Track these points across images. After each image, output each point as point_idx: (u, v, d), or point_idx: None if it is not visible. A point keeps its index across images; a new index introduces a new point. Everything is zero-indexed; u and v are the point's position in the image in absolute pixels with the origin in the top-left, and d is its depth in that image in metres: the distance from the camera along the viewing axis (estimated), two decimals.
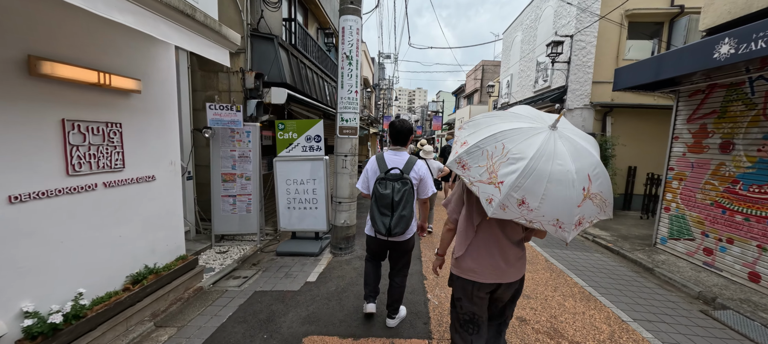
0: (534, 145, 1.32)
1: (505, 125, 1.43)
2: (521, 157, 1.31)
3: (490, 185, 1.34)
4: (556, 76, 8.13)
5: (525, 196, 1.29)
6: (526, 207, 1.30)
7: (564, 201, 1.29)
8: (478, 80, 20.66)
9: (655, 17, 7.63)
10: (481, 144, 1.40)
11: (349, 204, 4.35)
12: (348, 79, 4.13)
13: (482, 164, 1.37)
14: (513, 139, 1.36)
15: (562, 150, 1.33)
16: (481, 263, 1.65)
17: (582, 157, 1.35)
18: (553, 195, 1.28)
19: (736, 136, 3.84)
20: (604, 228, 6.26)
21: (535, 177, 1.28)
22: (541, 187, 1.28)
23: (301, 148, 4.60)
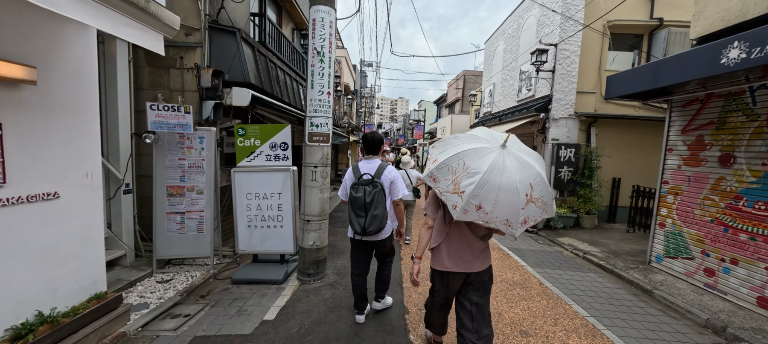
0: (487, 161, 1.68)
1: (466, 145, 1.78)
2: (477, 171, 1.67)
3: (455, 194, 1.71)
4: (540, 85, 7.96)
5: (481, 202, 1.65)
6: (482, 211, 1.67)
7: (511, 205, 1.64)
8: (460, 90, 20.66)
9: (636, 29, 7.63)
10: (447, 161, 1.77)
11: (320, 223, 3.75)
12: (319, 79, 3.57)
13: (448, 178, 1.75)
14: (471, 156, 1.72)
15: (509, 165, 1.69)
16: (452, 257, 2.03)
17: (525, 170, 1.70)
18: (502, 200, 1.64)
19: (737, 148, 3.60)
20: (593, 244, 5.98)
21: (488, 188, 1.64)
22: (493, 195, 1.64)
23: (265, 156, 3.97)
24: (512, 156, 1.74)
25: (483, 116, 12.37)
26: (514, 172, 1.67)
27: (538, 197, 1.71)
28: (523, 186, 1.67)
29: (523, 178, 1.67)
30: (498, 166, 1.67)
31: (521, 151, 1.82)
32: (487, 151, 1.74)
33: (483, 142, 1.82)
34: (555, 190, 7.38)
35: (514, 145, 1.85)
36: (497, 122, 9.97)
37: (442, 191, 1.78)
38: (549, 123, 7.38)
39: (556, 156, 7.26)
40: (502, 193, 1.64)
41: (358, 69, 26.06)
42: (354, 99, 22.88)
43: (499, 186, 1.64)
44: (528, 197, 1.68)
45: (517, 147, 1.86)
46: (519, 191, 1.65)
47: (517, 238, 2.27)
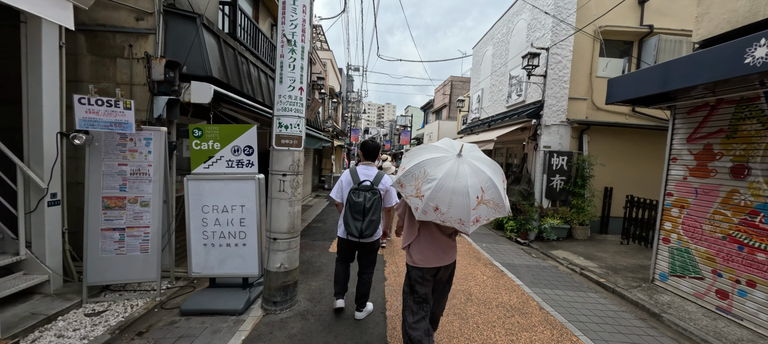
0: (444, 168, 1.96)
1: (428, 155, 2.07)
2: (434, 178, 1.93)
3: (417, 198, 1.96)
4: (530, 90, 7.69)
5: (438, 204, 1.90)
6: (439, 212, 1.92)
7: (463, 206, 1.89)
8: (447, 95, 20.49)
9: (626, 36, 7.49)
10: (411, 169, 2.04)
11: (289, 241, 3.17)
12: (289, 71, 3.03)
13: (412, 183, 2.01)
14: (431, 165, 2.00)
15: (463, 171, 1.95)
16: (425, 254, 2.27)
17: (477, 175, 1.96)
18: (456, 202, 1.89)
19: (752, 159, 3.29)
20: (589, 257, 5.64)
21: (444, 191, 1.90)
22: (448, 197, 1.89)
23: (226, 162, 3.38)
24: (467, 163, 2.00)
25: (471, 122, 12.09)
26: (466, 178, 1.92)
27: (489, 199, 1.95)
28: (475, 189, 1.90)
29: (474, 183, 1.92)
30: (452, 173, 1.93)
31: (476, 159, 2.08)
32: (444, 160, 2.00)
33: (442, 152, 2.08)
34: (547, 200, 7.06)
35: (470, 153, 2.10)
36: (486, 128, 9.67)
37: (407, 195, 2.03)
38: (541, 129, 7.08)
39: (548, 164, 6.95)
40: (456, 196, 1.88)
41: (344, 72, 25.60)
42: (340, 103, 22.34)
43: (453, 190, 1.88)
44: (479, 199, 1.91)
45: (473, 155, 2.10)
46: (470, 194, 1.88)
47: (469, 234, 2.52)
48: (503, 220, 7.54)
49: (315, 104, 9.09)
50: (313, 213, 8.83)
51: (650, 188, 7.26)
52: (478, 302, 3.66)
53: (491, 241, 6.69)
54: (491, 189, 1.94)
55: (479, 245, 6.25)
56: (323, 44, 19.29)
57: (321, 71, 12.71)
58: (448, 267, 2.35)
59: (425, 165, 2.01)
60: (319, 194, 12.74)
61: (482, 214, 1.94)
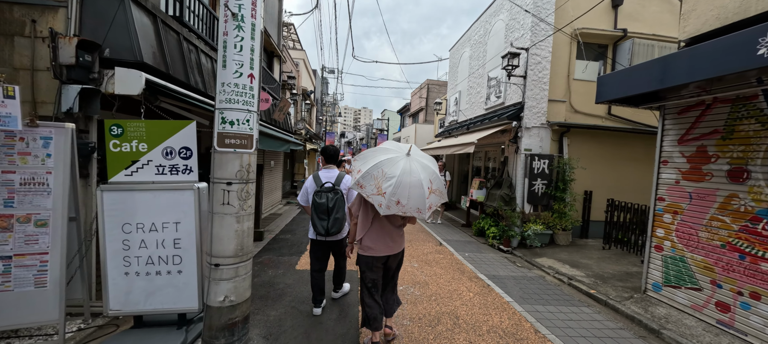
0: (399, 167, 2.29)
1: (381, 157, 2.38)
2: (393, 175, 2.25)
3: (379, 195, 2.23)
4: (510, 92, 7.47)
5: (399, 198, 2.22)
6: (401, 205, 2.24)
7: (420, 197, 2.26)
8: (423, 99, 20.31)
9: (601, 39, 7.47)
10: (369, 171, 2.31)
11: (236, 267, 2.52)
12: (235, 53, 2.41)
13: (372, 183, 2.27)
14: (387, 165, 2.32)
15: (414, 168, 2.33)
16: (377, 244, 2.53)
17: (425, 170, 2.37)
18: (414, 195, 2.25)
19: (752, 161, 3.08)
20: (575, 265, 5.38)
21: (403, 186, 2.23)
22: (406, 191, 2.23)
23: (155, 167, 2.68)
24: (415, 161, 2.38)
25: (449, 125, 11.83)
26: (419, 173, 2.31)
27: (436, 188, 2.39)
28: (426, 181, 2.31)
29: (424, 176, 2.32)
30: (407, 170, 2.29)
31: (421, 157, 2.47)
32: (397, 160, 2.34)
33: (393, 153, 2.40)
34: (529, 205, 6.81)
35: (415, 152, 2.45)
36: (465, 131, 9.39)
37: (369, 195, 2.27)
38: (521, 132, 6.84)
39: (530, 167, 6.71)
40: (414, 189, 2.25)
41: (318, 74, 24.83)
42: (314, 105, 21.52)
43: (411, 184, 2.24)
44: (429, 189, 2.33)
45: (418, 154, 2.47)
46: (423, 185, 2.27)
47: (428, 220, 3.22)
48: (485, 226, 7.21)
49: (284, 104, 8.37)
50: (282, 222, 8.06)
51: (628, 191, 7.23)
52: (467, 327, 3.18)
53: (473, 250, 6.31)
54: (437, 181, 2.43)
55: (462, 255, 5.83)
56: (296, 44, 18.48)
57: (292, 70, 11.96)
58: (397, 255, 2.65)
59: (382, 165, 2.30)
60: (290, 201, 11.91)
61: (433, 202, 2.37)
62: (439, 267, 5.04)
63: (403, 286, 4.16)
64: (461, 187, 12.10)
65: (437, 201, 2.40)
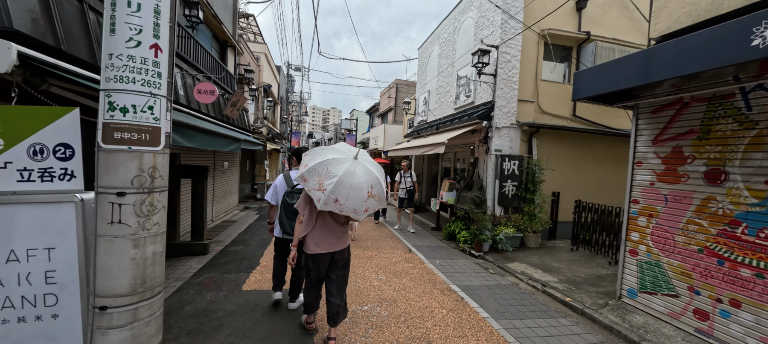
0: (343, 167, 2.37)
1: (329, 155, 2.47)
2: (335, 174, 2.33)
3: (319, 191, 2.33)
4: (480, 91, 7.27)
5: (337, 197, 2.30)
6: (338, 203, 2.32)
7: (358, 199, 2.35)
8: (392, 99, 19.99)
9: (567, 40, 7.51)
10: (315, 167, 2.39)
11: (134, 310, 1.84)
12: (130, 14, 1.75)
13: (315, 179, 2.37)
14: (332, 164, 2.39)
15: (358, 171, 2.40)
16: (320, 242, 2.61)
17: (368, 175, 2.44)
18: (352, 196, 2.33)
19: (730, 162, 2.95)
20: (547, 270, 5.20)
21: (343, 186, 2.31)
22: (346, 191, 2.32)
23: (16, 172, 1.92)
24: (361, 165, 2.47)
25: (418, 125, 11.53)
26: (361, 176, 2.39)
27: (376, 194, 2.47)
28: (366, 186, 2.39)
29: (366, 181, 2.40)
30: (350, 171, 2.37)
31: (367, 162, 2.57)
32: (343, 161, 2.43)
33: (341, 153, 2.52)
34: (499, 207, 6.61)
35: (363, 157, 2.58)
36: (434, 131, 9.09)
37: (310, 189, 2.39)
38: (492, 132, 6.63)
39: (500, 169, 6.51)
40: (353, 191, 2.33)
41: (282, 71, 23.63)
42: (277, 104, 20.34)
43: (351, 186, 2.33)
44: (369, 193, 2.41)
45: (366, 159, 2.59)
46: (363, 189, 2.36)
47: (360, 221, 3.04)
48: (455, 230, 6.91)
49: (238, 98, 7.48)
50: (235, 230, 7.18)
51: (593, 192, 7.31)
52: None
53: (444, 256, 5.95)
54: (377, 187, 2.47)
55: (433, 263, 5.44)
56: (258, 38, 17.26)
57: (250, 63, 10.97)
58: (343, 251, 2.72)
59: (328, 164, 2.38)
60: (248, 205, 10.90)
61: (371, 205, 2.44)
62: (408, 278, 4.59)
63: (369, 305, 3.64)
64: (431, 189, 11.86)
65: (375, 205, 2.51)
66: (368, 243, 6.49)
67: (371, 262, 5.22)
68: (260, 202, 11.89)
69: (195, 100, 5.56)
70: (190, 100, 5.44)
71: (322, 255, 2.61)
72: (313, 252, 2.60)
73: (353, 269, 4.84)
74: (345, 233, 2.73)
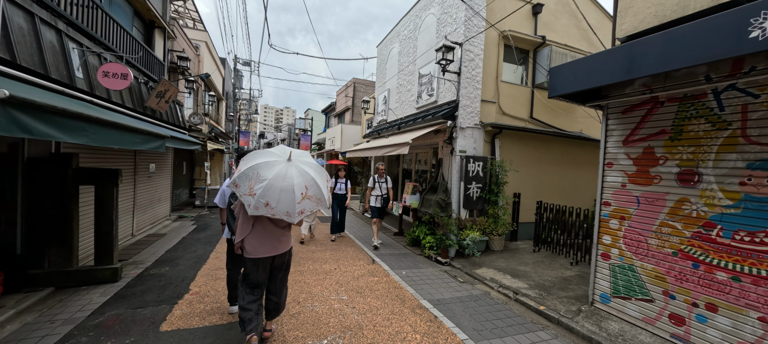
0: (274, 171, 2.36)
1: (261, 159, 2.46)
2: (265, 178, 2.31)
3: (250, 196, 2.30)
4: (443, 89, 7.01)
5: (268, 201, 2.28)
6: (269, 207, 2.30)
7: (290, 201, 2.32)
8: (350, 98, 19.31)
9: (524, 43, 7.62)
10: (246, 172, 2.37)
11: None
12: None
13: (246, 184, 2.33)
14: (263, 168, 2.38)
15: (291, 172, 2.40)
16: (259, 246, 2.57)
17: (303, 176, 2.43)
18: (284, 199, 2.31)
19: (703, 164, 2.90)
20: (515, 275, 5.02)
21: (273, 190, 2.29)
22: (276, 195, 2.30)
23: None
24: (295, 166, 2.47)
25: (378, 125, 11.05)
26: (293, 178, 2.37)
27: (312, 195, 2.44)
28: (300, 187, 2.37)
29: (300, 182, 2.39)
30: (281, 174, 2.36)
31: (304, 163, 2.56)
32: (275, 164, 2.42)
33: (275, 156, 2.51)
34: (465, 210, 6.38)
35: (299, 158, 2.59)
36: (396, 131, 8.68)
37: (242, 194, 2.34)
38: (456, 132, 6.38)
39: (465, 170, 6.29)
40: (284, 193, 2.31)
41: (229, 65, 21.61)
42: (222, 100, 18.44)
43: (282, 188, 2.30)
44: (303, 195, 2.38)
45: (302, 159, 2.59)
46: (296, 191, 2.34)
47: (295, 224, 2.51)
48: (420, 235, 6.54)
49: (165, 87, 6.27)
50: (162, 246, 5.96)
51: (551, 192, 7.48)
52: None
53: (410, 264, 5.52)
54: (314, 187, 2.47)
55: (399, 274, 4.95)
56: (198, 25, 15.37)
57: (185, 50, 9.52)
58: (283, 254, 2.71)
59: (258, 168, 2.38)
60: (184, 215, 9.43)
61: (306, 207, 2.43)
62: (374, 296, 4.03)
63: (330, 338, 3.00)
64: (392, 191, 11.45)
65: (312, 207, 2.47)
66: (326, 254, 5.80)
67: (330, 279, 4.56)
68: (199, 210, 10.42)
69: (102, 86, 4.39)
70: (93, 85, 4.27)
71: (262, 259, 2.60)
72: (252, 257, 2.57)
73: (309, 289, 4.15)
74: (285, 236, 2.72)
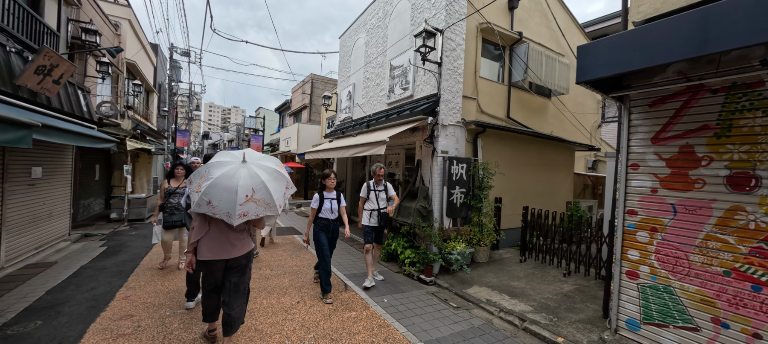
0: (222, 170, 2.36)
1: (219, 159, 2.52)
2: (212, 177, 2.33)
3: (196, 193, 2.35)
4: (420, 82, 6.23)
5: (210, 199, 2.28)
6: (211, 205, 2.29)
7: (231, 202, 2.28)
8: (307, 95, 17.83)
9: (501, 39, 7.17)
10: (200, 169, 2.46)
11: None
12: None
13: (197, 181, 2.41)
14: (215, 167, 2.40)
15: (240, 174, 2.36)
16: (213, 248, 2.55)
17: (252, 178, 2.38)
18: (224, 198, 2.28)
19: (762, 165, 2.43)
20: (512, 294, 4.36)
21: (217, 189, 2.29)
22: (218, 194, 2.28)
23: None
24: (247, 168, 2.42)
25: (342, 123, 9.95)
26: (240, 179, 2.32)
27: (259, 198, 2.37)
28: (245, 189, 2.31)
29: (246, 184, 2.33)
30: (229, 174, 2.34)
31: (259, 166, 2.50)
32: (228, 164, 2.43)
33: (232, 157, 2.52)
34: (448, 218, 5.63)
35: (256, 160, 2.56)
36: (365, 129, 7.70)
37: (192, 191, 2.42)
38: (438, 130, 5.62)
39: (448, 173, 5.54)
40: (226, 193, 2.28)
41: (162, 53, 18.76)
42: (152, 92, 15.74)
43: (225, 188, 2.28)
44: (248, 197, 2.32)
45: (258, 163, 2.54)
46: (239, 192, 2.28)
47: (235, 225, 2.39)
48: (397, 249, 5.64)
49: (53, 63, 4.53)
50: (44, 282, 4.21)
51: (528, 196, 7.11)
52: None
53: (391, 288, 4.57)
54: (262, 191, 2.38)
55: (379, 302, 3.98)
56: None
57: (92, 21, 7.48)
58: (238, 258, 2.62)
59: (211, 166, 2.43)
60: (91, 232, 7.34)
61: (250, 211, 2.36)
62: (355, 342, 3.01)
63: None
64: (356, 196, 10.40)
65: (258, 211, 2.41)
66: (285, 280, 4.60)
67: (292, 318, 3.43)
68: (116, 225, 8.31)
69: None
70: None
71: (215, 261, 2.57)
72: (205, 259, 2.56)
73: (263, 339, 2.97)
74: (241, 240, 2.66)
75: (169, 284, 4.27)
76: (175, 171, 4.66)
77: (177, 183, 4.61)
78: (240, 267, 2.63)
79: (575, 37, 8.90)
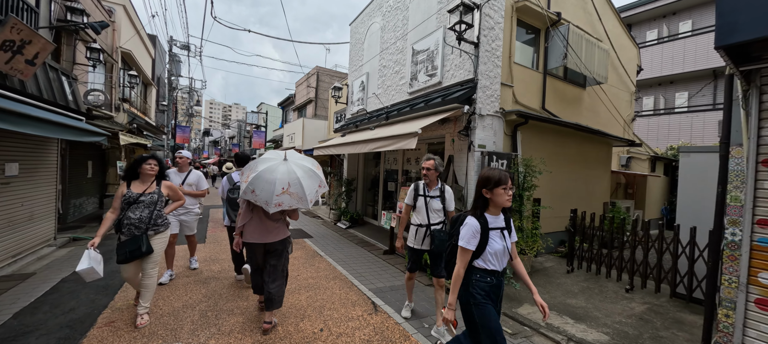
0: (265, 165, 2.78)
1: (265, 156, 2.96)
2: (257, 170, 2.75)
3: (245, 182, 2.76)
4: (451, 67, 5.47)
5: (254, 188, 2.70)
6: (254, 194, 2.71)
7: (269, 193, 2.67)
8: (313, 89, 17.06)
9: (536, 20, 6.40)
10: (250, 164, 2.90)
11: None
12: None
13: (247, 173, 2.81)
14: (261, 162, 2.85)
15: (279, 169, 2.75)
16: (253, 233, 2.99)
17: (288, 174, 2.75)
18: (265, 189, 2.68)
19: None
20: (574, 316, 3.63)
21: (259, 181, 2.70)
22: (260, 184, 2.69)
23: None
24: (286, 165, 2.82)
25: (355, 116, 9.19)
26: (279, 174, 2.72)
27: (293, 192, 2.72)
28: (282, 183, 2.69)
29: (283, 178, 2.71)
30: (271, 169, 2.74)
31: (297, 165, 2.87)
32: (271, 160, 2.84)
33: (276, 155, 2.93)
34: None
35: (296, 159, 2.93)
36: (383, 122, 6.94)
37: (241, 180, 2.85)
38: (475, 121, 4.86)
39: None
40: (266, 184, 2.68)
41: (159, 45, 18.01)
42: (150, 85, 15.02)
43: (266, 181, 2.68)
44: (284, 190, 2.69)
45: (297, 162, 2.91)
46: (276, 185, 2.67)
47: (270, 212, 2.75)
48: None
49: (24, 38, 3.81)
50: (15, 300, 3.49)
51: (567, 196, 6.37)
52: None
53: (428, 309, 3.84)
54: (296, 186, 2.74)
55: (420, 328, 3.25)
56: None
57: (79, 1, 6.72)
58: (274, 244, 3.01)
59: (258, 162, 2.86)
60: (80, 235, 6.63)
61: (285, 202, 2.71)
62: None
63: None
64: (368, 196, 9.67)
65: (292, 203, 2.74)
66: (301, 296, 3.88)
67: None
68: None
69: None
70: None
71: (256, 244, 2.99)
72: (248, 241, 3.01)
73: None
74: (278, 228, 3.02)
75: (164, 304, 3.55)
76: (143, 167, 3.07)
77: (143, 188, 3.07)
78: (277, 252, 3.04)
79: (610, 22, 8.11)
